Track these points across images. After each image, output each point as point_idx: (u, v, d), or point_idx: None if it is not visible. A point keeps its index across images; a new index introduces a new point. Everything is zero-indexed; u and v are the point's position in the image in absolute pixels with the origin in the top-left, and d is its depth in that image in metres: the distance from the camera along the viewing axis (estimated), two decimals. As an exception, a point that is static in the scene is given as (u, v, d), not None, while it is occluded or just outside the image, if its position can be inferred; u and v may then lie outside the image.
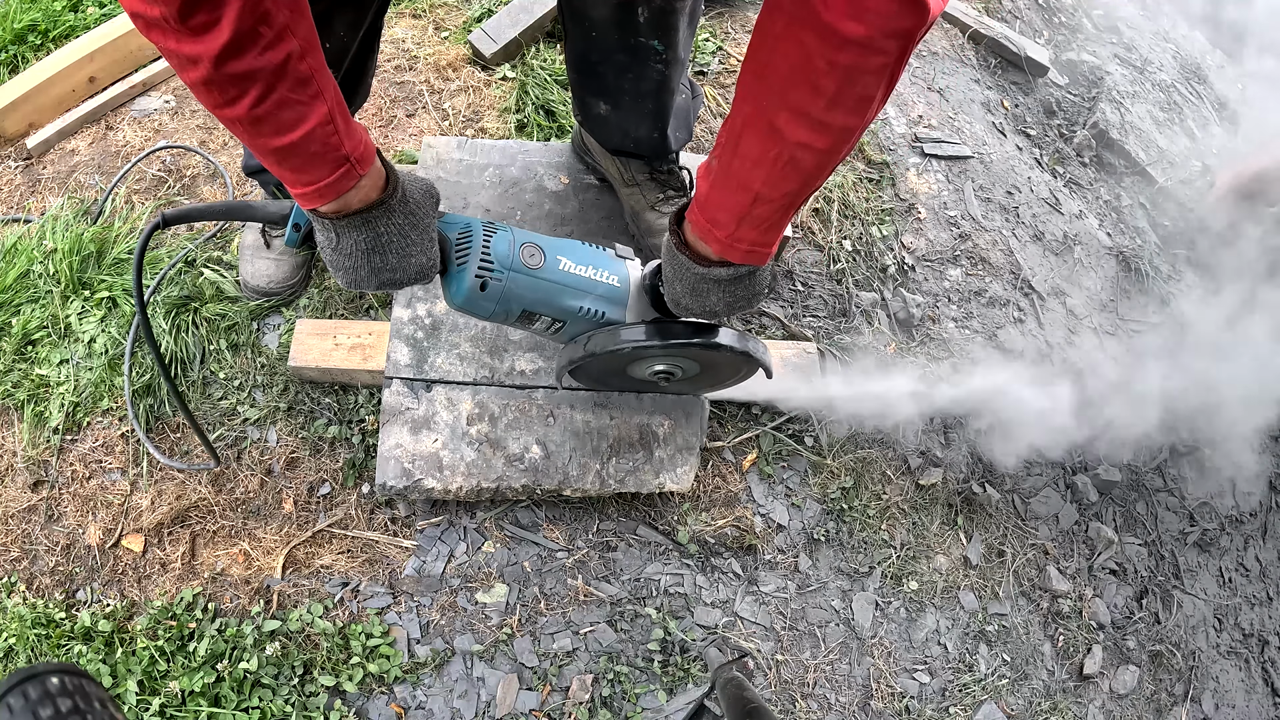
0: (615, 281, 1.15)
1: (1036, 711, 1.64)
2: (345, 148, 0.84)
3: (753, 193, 0.87)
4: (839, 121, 0.79)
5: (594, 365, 1.24)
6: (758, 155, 0.85)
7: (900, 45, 0.72)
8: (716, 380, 1.39)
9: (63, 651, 1.36)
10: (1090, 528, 1.86)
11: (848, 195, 1.98)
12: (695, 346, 1.15)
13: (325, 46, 1.26)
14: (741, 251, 0.96)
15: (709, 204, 0.94)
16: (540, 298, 1.10)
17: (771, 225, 0.93)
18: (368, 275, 0.98)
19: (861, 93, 0.76)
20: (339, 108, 0.82)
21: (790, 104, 0.79)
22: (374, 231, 0.94)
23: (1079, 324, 2.09)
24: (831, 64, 0.73)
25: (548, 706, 1.42)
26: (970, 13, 2.67)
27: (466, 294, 1.05)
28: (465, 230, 1.07)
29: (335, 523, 1.50)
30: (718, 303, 1.05)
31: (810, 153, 0.82)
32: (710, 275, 1.00)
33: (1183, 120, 2.95)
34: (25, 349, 1.56)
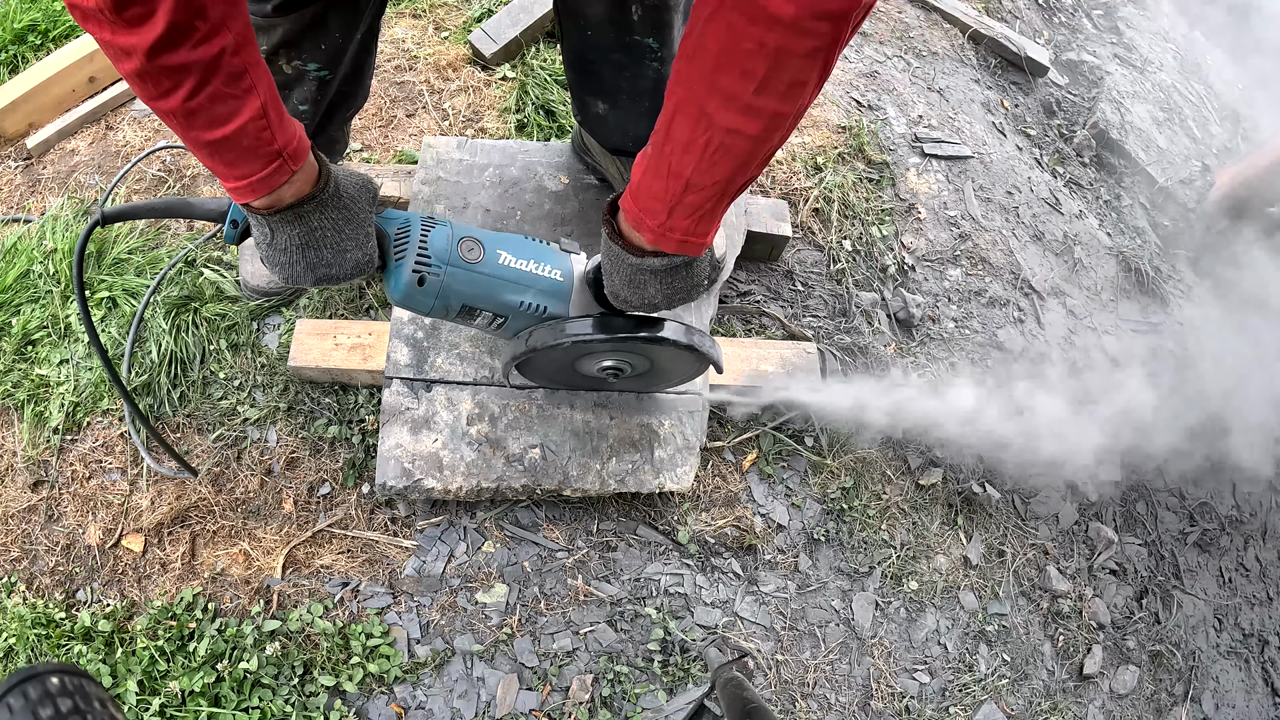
0: (558, 276, 1.12)
1: (1036, 711, 1.64)
2: (278, 143, 0.84)
3: (683, 180, 0.86)
4: (769, 107, 0.77)
5: (540, 361, 1.22)
6: (688, 141, 0.83)
7: (832, 28, 0.70)
8: (669, 377, 1.36)
9: (63, 651, 1.36)
10: (1090, 528, 1.86)
11: (848, 195, 1.98)
12: (638, 340, 1.13)
13: (321, 47, 1.28)
14: (675, 241, 0.93)
15: (641, 192, 0.92)
16: (479, 292, 1.09)
17: (705, 215, 0.91)
18: (304, 271, 0.98)
19: (793, 78, 0.74)
20: (273, 103, 0.83)
21: (720, 88, 0.77)
22: (307, 226, 0.94)
23: (1079, 324, 2.09)
24: (760, 46, 0.72)
25: (548, 706, 1.42)
26: (970, 13, 2.67)
27: (404, 289, 1.05)
28: (404, 225, 1.06)
29: (335, 523, 1.50)
30: (656, 294, 1.03)
31: (741, 139, 0.80)
32: (645, 266, 0.98)
33: (1183, 120, 2.95)
34: (25, 349, 1.56)
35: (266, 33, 1.23)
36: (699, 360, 1.21)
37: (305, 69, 1.30)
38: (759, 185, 1.92)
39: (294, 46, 1.26)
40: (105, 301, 1.59)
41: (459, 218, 1.60)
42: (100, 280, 1.60)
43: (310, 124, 1.43)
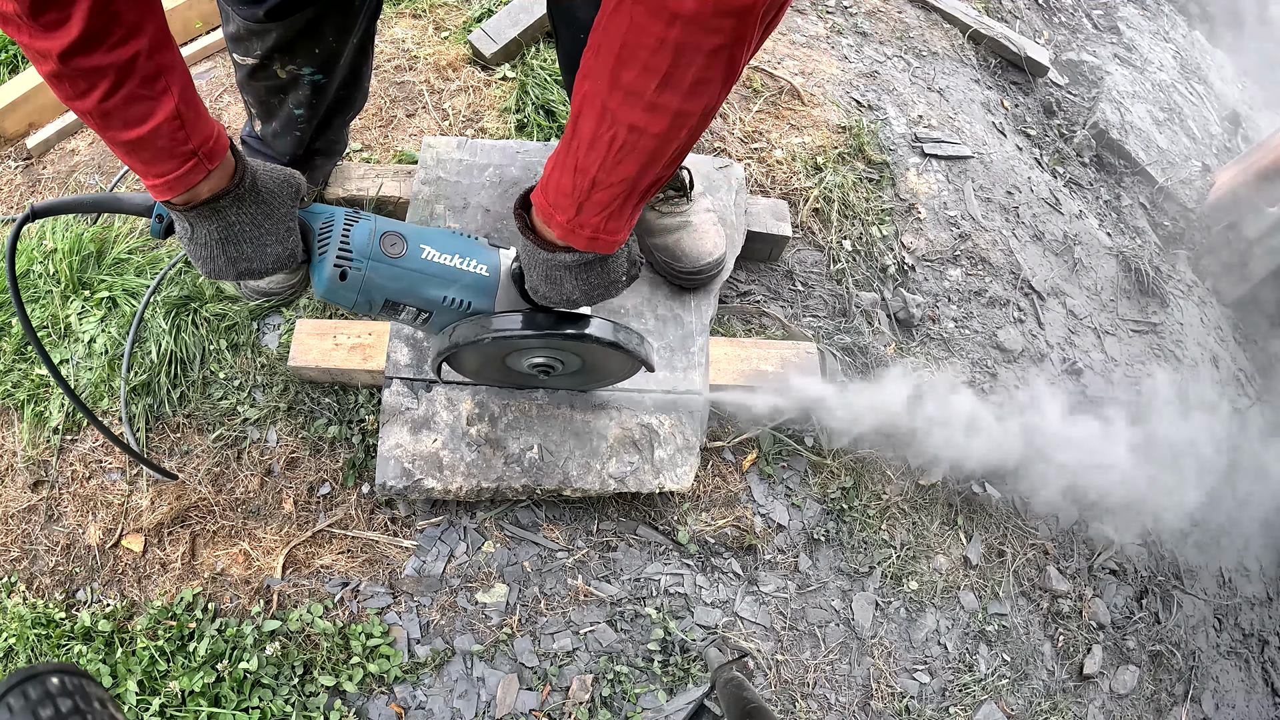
0: (483, 271, 1.11)
1: (1036, 711, 1.64)
2: (192, 143, 0.86)
3: (590, 176, 0.84)
4: (672, 104, 0.76)
5: (469, 357, 1.21)
6: (593, 137, 0.81)
7: (736, 25, 0.69)
8: (602, 375, 1.34)
9: (63, 651, 1.36)
10: (1090, 528, 1.86)
11: (848, 195, 1.98)
12: (559, 337, 1.12)
13: (315, 52, 1.28)
14: (585, 238, 0.92)
15: (550, 187, 0.91)
16: (402, 287, 1.08)
17: (614, 212, 0.89)
18: (224, 265, 0.99)
19: (696, 75, 0.73)
20: (188, 104, 0.84)
21: (622, 83, 0.76)
22: (225, 221, 0.95)
23: (1079, 324, 2.09)
24: (662, 41, 0.70)
25: (548, 706, 1.42)
26: (970, 13, 2.67)
27: (327, 283, 1.05)
28: (328, 220, 1.06)
29: (335, 523, 1.50)
30: (573, 290, 1.02)
31: (645, 136, 0.79)
32: (557, 261, 0.97)
33: (1183, 120, 2.95)
34: (25, 349, 1.56)
35: (260, 37, 1.23)
36: (629, 359, 1.19)
37: (300, 73, 1.30)
38: (759, 185, 1.92)
39: (288, 51, 1.26)
40: (105, 301, 1.59)
41: (459, 218, 1.60)
42: (100, 280, 1.60)
43: (308, 128, 1.43)
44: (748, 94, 2.11)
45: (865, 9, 2.54)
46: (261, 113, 1.41)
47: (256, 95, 1.37)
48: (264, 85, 1.33)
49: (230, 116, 1.90)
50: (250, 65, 1.28)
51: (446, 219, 1.59)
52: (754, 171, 1.94)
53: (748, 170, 1.92)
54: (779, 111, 2.10)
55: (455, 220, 1.59)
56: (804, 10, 2.46)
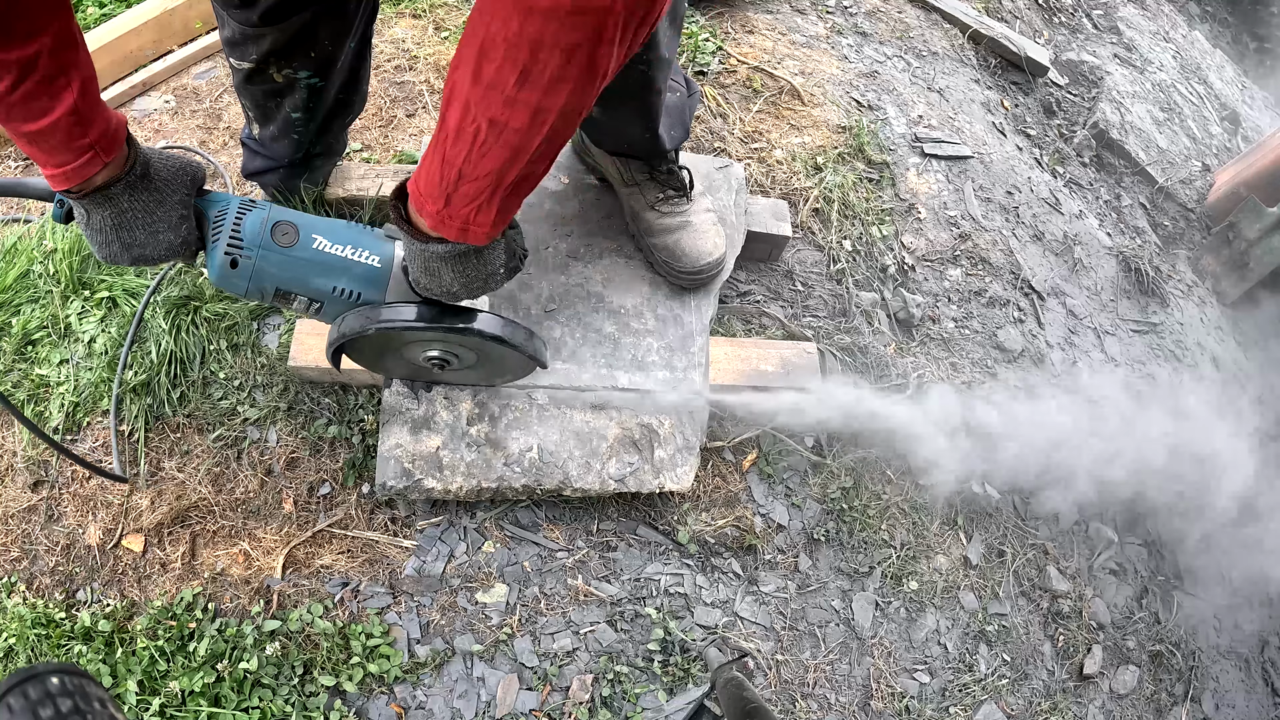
0: (375, 262, 1.11)
1: (1036, 711, 1.64)
2: (89, 137, 0.88)
3: (456, 168, 0.85)
4: (531, 100, 0.75)
5: (363, 347, 1.21)
6: (458, 128, 0.81)
7: (591, 23, 0.69)
8: (500, 370, 1.33)
9: (63, 651, 1.36)
10: (1090, 528, 1.86)
11: (848, 195, 1.98)
12: (442, 330, 1.11)
13: (311, 55, 1.28)
14: (455, 229, 0.92)
15: (421, 177, 0.91)
16: (292, 276, 1.08)
17: (483, 205, 0.89)
18: (119, 250, 1.02)
19: (554, 72, 0.73)
20: (86, 101, 0.86)
21: (484, 77, 0.75)
22: (117, 208, 0.98)
23: (1079, 324, 2.09)
24: (520, 34, 0.70)
25: (548, 706, 1.42)
26: (970, 13, 2.67)
27: (218, 271, 1.06)
28: (222, 208, 1.07)
29: (335, 523, 1.50)
30: (452, 283, 1.02)
31: (506, 131, 0.79)
32: (431, 252, 0.97)
33: (1183, 120, 2.95)
34: (25, 349, 1.56)
35: (255, 41, 1.23)
36: (520, 354, 1.19)
37: (296, 77, 1.30)
38: (759, 185, 1.92)
39: (284, 55, 1.26)
40: (105, 301, 1.59)
41: (459, 218, 1.60)
42: (100, 280, 1.60)
43: (305, 131, 1.43)
44: (748, 94, 2.11)
45: (865, 9, 2.54)
46: (259, 116, 1.41)
47: (253, 99, 1.37)
48: (260, 89, 1.33)
49: (231, 116, 1.91)
50: (246, 69, 1.28)
51: (446, 219, 1.59)
52: (754, 171, 1.94)
53: (748, 170, 1.92)
54: (779, 111, 2.10)
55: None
56: (804, 10, 2.46)
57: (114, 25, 1.92)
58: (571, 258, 1.60)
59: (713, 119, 2.03)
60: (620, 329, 1.54)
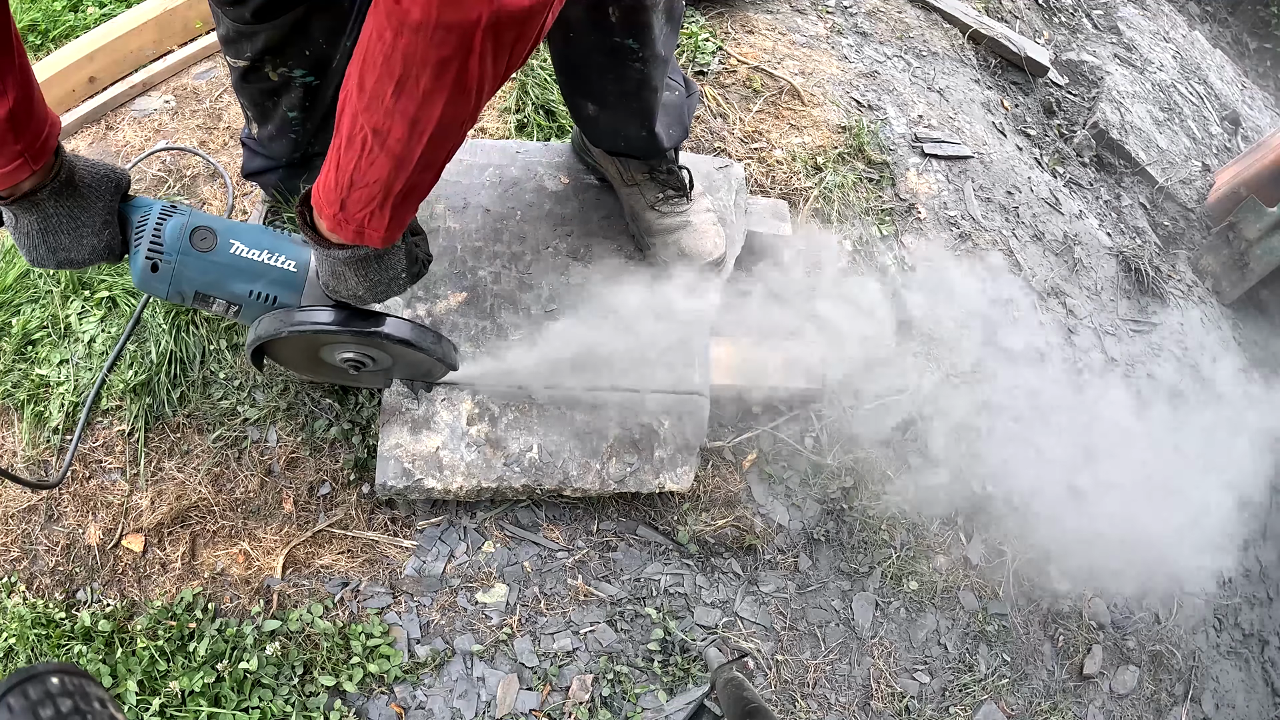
0: (291, 266, 1.13)
1: (1036, 711, 1.64)
2: (20, 144, 0.89)
3: (347, 174, 0.86)
4: (409, 111, 0.77)
5: (280, 349, 1.22)
6: (348, 136, 0.83)
7: (458, 40, 0.70)
8: (414, 371, 1.34)
9: (63, 651, 1.36)
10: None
11: (848, 195, 1.98)
12: (350, 333, 1.13)
13: (305, 54, 1.28)
14: (350, 232, 0.93)
15: (321, 183, 0.92)
16: (210, 280, 1.10)
17: (374, 211, 0.90)
18: (45, 254, 1.04)
19: (426, 85, 0.74)
20: (22, 106, 0.86)
21: (365, 87, 0.77)
22: (43, 214, 1.00)
23: (1079, 324, 2.09)
24: (393, 48, 0.72)
25: (548, 706, 1.42)
26: (970, 13, 2.67)
27: (140, 275, 1.08)
28: (145, 214, 1.09)
29: (335, 523, 1.50)
30: (357, 286, 1.03)
31: (389, 140, 0.80)
32: (332, 255, 0.99)
33: (1183, 120, 2.95)
34: (25, 349, 1.56)
35: (250, 39, 1.23)
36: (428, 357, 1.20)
37: (291, 75, 1.30)
38: (759, 185, 1.92)
39: (278, 53, 1.26)
40: (105, 301, 1.59)
41: (459, 218, 1.60)
42: (100, 280, 1.60)
43: (303, 130, 1.43)
44: (748, 94, 2.11)
45: (865, 9, 2.54)
46: (257, 115, 1.41)
47: (251, 98, 1.37)
48: (257, 88, 1.33)
49: (231, 116, 1.90)
50: (242, 67, 1.28)
51: (446, 219, 1.59)
52: (754, 171, 1.94)
53: (748, 170, 1.92)
54: (779, 111, 2.10)
55: (455, 221, 1.59)
56: (804, 10, 2.46)
57: (114, 25, 1.92)
58: (571, 258, 1.60)
59: (713, 119, 2.03)
60: (620, 329, 1.54)
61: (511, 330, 1.51)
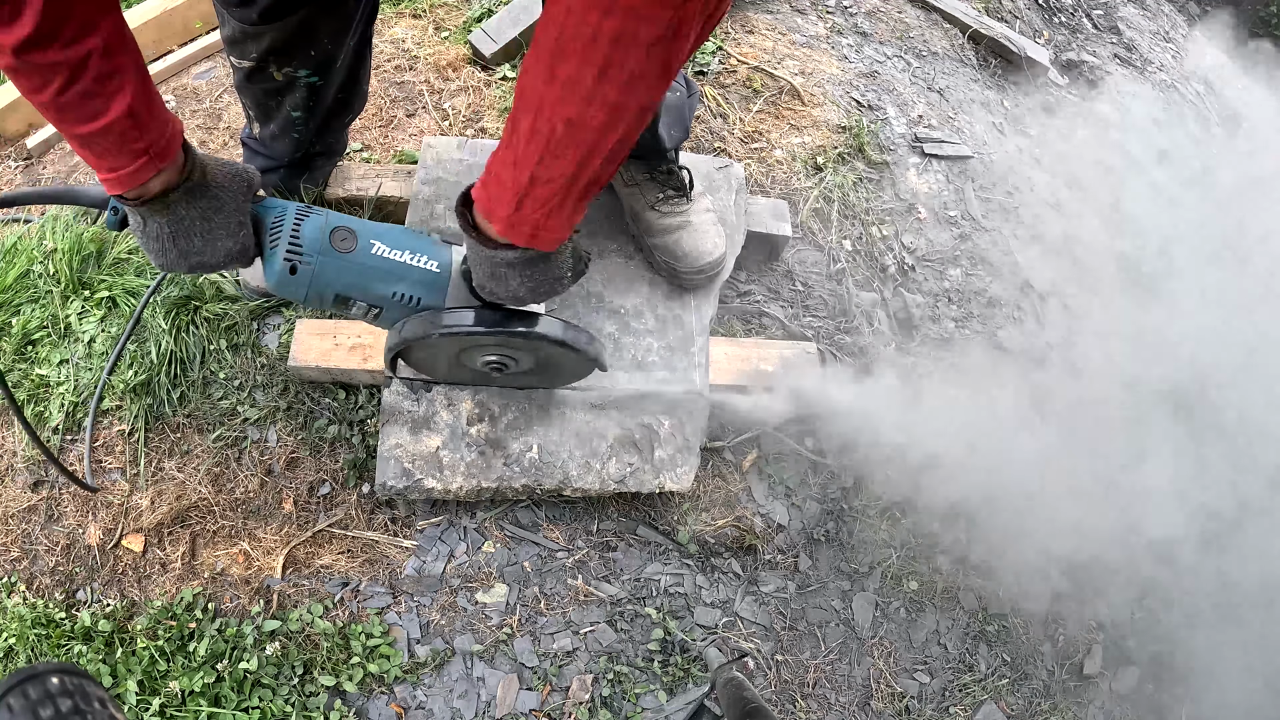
0: (434, 267, 1.11)
1: (1036, 711, 1.64)
2: (144, 141, 0.87)
3: (528, 171, 0.84)
4: (609, 97, 0.75)
5: (421, 353, 1.21)
6: (530, 131, 0.81)
7: (670, 16, 0.69)
8: (558, 374, 1.34)
9: (63, 651, 1.36)
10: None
11: (848, 195, 1.98)
12: (506, 335, 1.11)
13: (311, 54, 1.28)
14: (524, 234, 0.92)
15: (490, 183, 0.91)
16: (352, 282, 1.08)
17: (553, 209, 0.89)
18: (176, 258, 1.01)
19: (633, 69, 0.73)
20: (142, 102, 0.85)
21: (559, 77, 0.75)
22: (175, 216, 0.97)
23: (1079, 324, 2.09)
24: (597, 33, 0.70)
25: (548, 706, 1.42)
26: (970, 13, 2.67)
27: (277, 277, 1.06)
28: (280, 214, 1.07)
29: (335, 523, 1.50)
30: (519, 287, 1.02)
31: (583, 130, 0.79)
32: (499, 258, 0.97)
33: (1183, 120, 2.95)
34: (25, 349, 1.56)
35: (255, 40, 1.23)
36: (580, 357, 1.19)
37: (296, 76, 1.30)
38: (759, 185, 1.92)
39: (283, 54, 1.26)
40: (105, 301, 1.59)
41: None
42: (100, 280, 1.60)
43: (306, 130, 1.43)
44: (748, 94, 2.11)
45: (865, 9, 2.54)
46: (259, 115, 1.41)
47: (254, 98, 1.37)
48: (261, 88, 1.33)
49: (231, 116, 1.90)
50: (247, 68, 1.28)
51: (447, 219, 1.59)
52: (754, 171, 1.94)
53: (748, 170, 1.92)
54: (779, 111, 2.10)
55: (455, 220, 1.59)
56: (804, 10, 2.46)
57: (114, 25, 1.91)
58: None
59: (713, 119, 2.03)
60: (620, 329, 1.54)
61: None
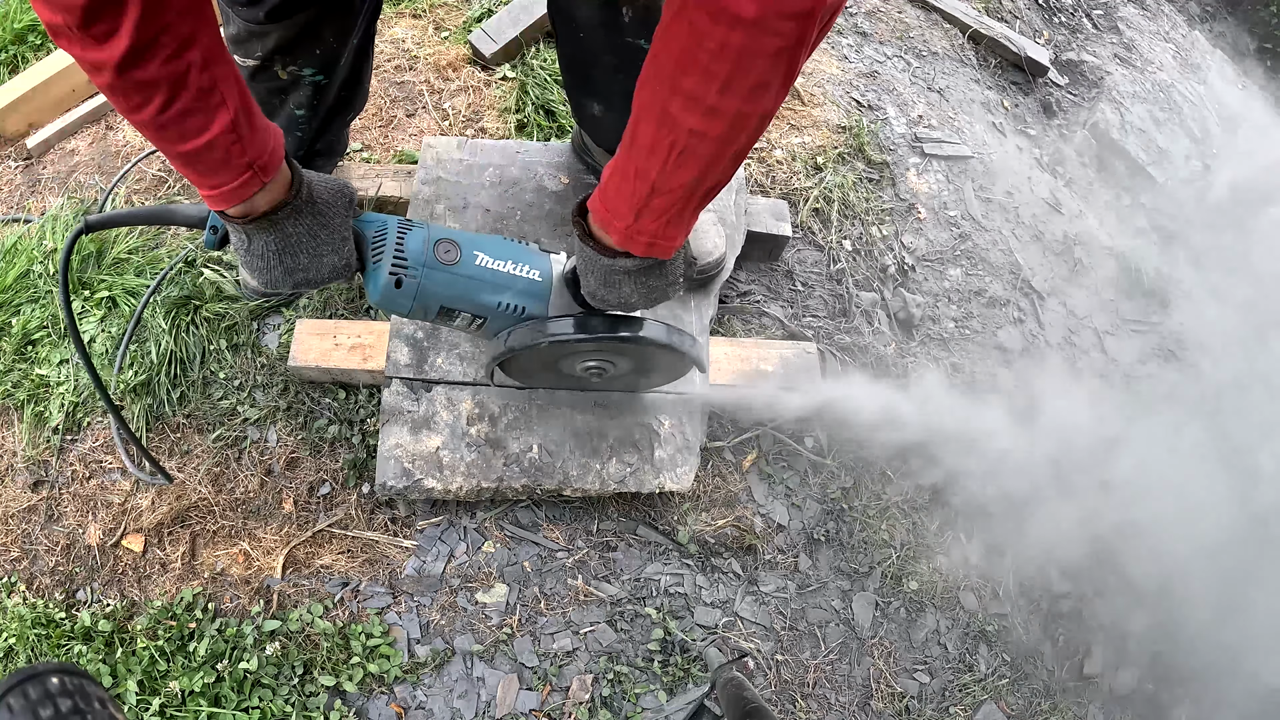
0: (536, 276, 1.13)
1: (1036, 711, 1.64)
2: (248, 155, 0.86)
3: (649, 182, 0.85)
4: (732, 107, 0.76)
5: (522, 361, 1.23)
6: (652, 143, 0.82)
7: (797, 28, 0.70)
8: (653, 377, 1.36)
9: (63, 651, 1.36)
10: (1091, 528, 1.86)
11: (848, 195, 1.98)
12: (615, 340, 1.13)
13: (315, 53, 1.28)
14: (643, 244, 0.93)
15: (609, 194, 0.92)
16: (457, 293, 1.09)
17: (672, 218, 0.90)
18: (281, 276, 1.00)
19: (757, 78, 0.74)
20: (245, 117, 0.84)
21: (682, 89, 0.76)
22: (282, 233, 0.96)
23: (1079, 324, 2.09)
24: (723, 46, 0.71)
25: (548, 706, 1.42)
26: (970, 13, 2.67)
27: (382, 291, 1.06)
28: (381, 229, 1.07)
29: (335, 523, 1.50)
30: (631, 294, 1.03)
31: (705, 141, 0.80)
32: (617, 267, 0.98)
33: (1183, 120, 2.95)
34: (25, 349, 1.56)
35: (260, 39, 1.23)
36: (681, 360, 1.20)
37: (301, 74, 1.30)
38: (759, 185, 1.92)
39: (288, 52, 1.26)
40: (105, 301, 1.59)
41: (459, 218, 1.60)
42: (100, 280, 1.60)
43: (308, 128, 1.43)
44: (748, 94, 2.11)
45: (865, 9, 2.54)
46: (263, 113, 1.41)
47: (258, 96, 1.37)
48: (265, 86, 1.33)
49: (230, 116, 1.90)
50: (251, 67, 1.28)
51: (446, 219, 1.59)
52: (754, 171, 1.94)
53: (748, 170, 1.92)
54: (779, 111, 2.10)
55: (455, 220, 1.60)
56: (804, 10, 2.46)
57: (114, 25, 1.91)
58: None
59: (713, 119, 2.03)
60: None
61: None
